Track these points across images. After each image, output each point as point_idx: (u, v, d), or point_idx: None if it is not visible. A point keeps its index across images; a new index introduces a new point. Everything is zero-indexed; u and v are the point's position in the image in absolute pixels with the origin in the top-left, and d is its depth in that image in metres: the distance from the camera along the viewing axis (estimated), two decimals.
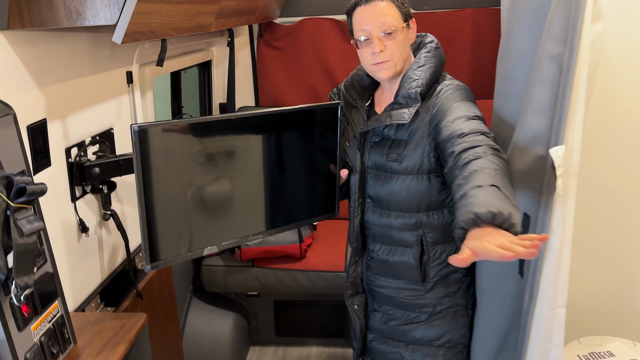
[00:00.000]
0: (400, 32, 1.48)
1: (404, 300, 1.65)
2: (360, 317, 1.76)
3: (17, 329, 1.16)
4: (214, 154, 1.46)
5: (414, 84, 1.46)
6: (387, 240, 1.62)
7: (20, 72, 1.32)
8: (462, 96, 1.45)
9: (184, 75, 2.76)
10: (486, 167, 1.19)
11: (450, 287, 1.62)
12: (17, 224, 1.09)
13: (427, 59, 1.50)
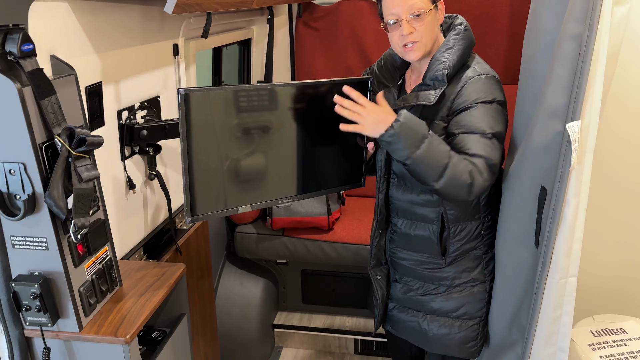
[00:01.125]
0: (428, 14, 1.53)
1: (424, 273, 1.73)
2: (382, 287, 1.85)
3: (73, 264, 1.31)
4: (252, 122, 1.58)
5: (442, 67, 1.52)
6: (409, 215, 1.70)
7: (80, 38, 1.47)
8: (487, 93, 1.50)
9: (225, 52, 2.89)
10: (452, 157, 1.45)
11: (469, 263, 1.69)
12: (77, 170, 1.24)
13: (455, 41, 1.56)
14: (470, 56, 1.63)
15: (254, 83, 3.09)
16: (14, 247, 1.27)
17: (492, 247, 1.70)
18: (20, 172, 1.20)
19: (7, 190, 1.21)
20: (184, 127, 1.42)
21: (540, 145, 1.40)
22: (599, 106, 1.30)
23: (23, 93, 1.14)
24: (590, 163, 1.34)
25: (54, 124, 1.22)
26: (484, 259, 1.69)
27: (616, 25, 1.39)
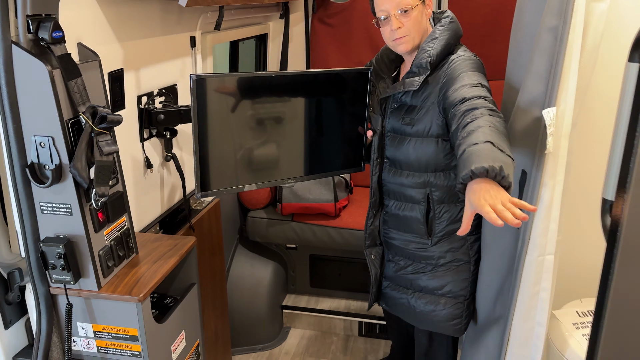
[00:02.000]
0: (415, 9, 1.66)
1: (412, 252, 1.85)
2: (375, 266, 1.98)
3: (93, 229, 1.47)
4: (259, 108, 1.72)
5: (426, 55, 1.65)
6: (399, 197, 1.82)
7: (104, 27, 1.63)
8: (471, 66, 1.62)
9: (242, 46, 3.04)
10: (482, 125, 1.35)
11: (453, 243, 1.79)
12: (98, 144, 1.40)
13: (440, 32, 1.68)
14: (457, 46, 1.74)
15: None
16: (42, 212, 1.43)
17: (477, 229, 1.80)
18: (49, 144, 1.36)
19: (37, 161, 1.38)
20: (195, 110, 1.57)
21: (521, 130, 1.50)
22: (574, 94, 1.40)
23: (53, 75, 1.30)
24: (566, 148, 1.45)
25: (79, 103, 1.37)
26: (468, 241, 1.79)
27: (596, 20, 1.49)
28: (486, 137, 1.30)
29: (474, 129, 1.35)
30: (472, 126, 1.36)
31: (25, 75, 1.29)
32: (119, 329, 1.52)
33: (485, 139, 1.29)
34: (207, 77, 1.58)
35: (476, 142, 1.29)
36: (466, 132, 1.36)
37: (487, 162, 1.19)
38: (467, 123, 1.39)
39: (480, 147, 1.26)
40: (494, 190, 1.18)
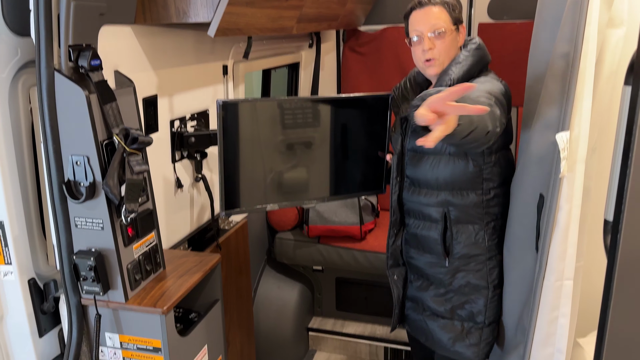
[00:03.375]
0: (449, 34, 1.71)
1: (431, 274, 1.86)
2: (398, 287, 1.99)
3: (123, 244, 1.56)
4: (280, 131, 1.80)
5: (447, 78, 1.68)
6: (418, 216, 1.85)
7: (140, 56, 1.75)
8: (491, 85, 1.62)
9: (274, 74, 3.16)
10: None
11: (472, 268, 1.79)
12: (129, 164, 1.50)
13: (464, 57, 1.72)
14: (483, 72, 1.76)
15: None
16: (76, 226, 1.54)
17: (497, 254, 1.80)
18: (84, 163, 1.46)
19: (73, 178, 1.48)
20: (221, 133, 1.66)
21: (538, 155, 1.52)
22: (589, 119, 1.41)
23: (90, 99, 1.42)
24: (582, 172, 1.45)
25: (113, 125, 1.48)
26: (488, 266, 1.78)
27: (613, 46, 1.51)
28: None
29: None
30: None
31: (65, 99, 1.41)
32: (143, 340, 1.59)
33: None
34: (232, 102, 1.67)
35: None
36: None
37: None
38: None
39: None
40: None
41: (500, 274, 1.81)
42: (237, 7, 1.61)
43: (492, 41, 3.24)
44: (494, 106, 1.47)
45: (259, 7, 1.77)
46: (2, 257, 1.57)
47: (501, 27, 3.23)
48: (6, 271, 1.59)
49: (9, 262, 1.58)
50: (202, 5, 1.55)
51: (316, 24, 2.46)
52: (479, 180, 1.74)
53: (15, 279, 1.59)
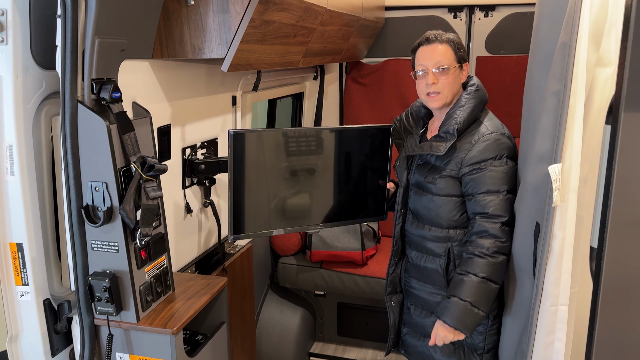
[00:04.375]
0: (453, 72, 1.80)
1: (432, 302, 1.91)
2: (395, 313, 2.06)
3: (136, 266, 1.63)
4: (287, 160, 1.89)
5: (453, 122, 1.76)
6: (421, 248, 1.91)
7: (156, 89, 1.85)
8: (496, 150, 1.72)
9: (279, 103, 3.27)
10: (477, 273, 1.68)
11: None
12: (145, 190, 1.58)
13: (466, 100, 1.80)
14: (483, 112, 1.85)
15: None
16: (92, 249, 1.61)
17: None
18: (103, 189, 1.55)
19: (92, 203, 1.56)
20: (231, 161, 1.75)
21: (533, 185, 1.60)
22: (579, 152, 1.50)
23: (110, 129, 1.51)
24: (575, 201, 1.53)
25: (131, 153, 1.57)
26: None
27: (601, 84, 1.61)
28: (472, 291, 1.68)
29: (470, 270, 1.70)
30: (472, 265, 1.70)
31: (87, 129, 1.50)
32: None
33: (470, 292, 1.69)
34: (242, 132, 1.77)
35: (462, 298, 1.69)
36: (467, 265, 1.71)
37: (454, 322, 1.69)
38: (472, 255, 1.71)
39: (460, 299, 1.69)
40: (450, 336, 1.72)
41: (499, 304, 1.86)
42: (249, 44, 1.72)
43: (490, 74, 3.38)
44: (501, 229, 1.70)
45: (269, 44, 1.88)
46: (20, 278, 1.64)
47: (498, 61, 3.36)
48: (23, 292, 1.65)
49: (26, 282, 1.65)
50: (217, 42, 1.66)
51: (321, 57, 2.57)
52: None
53: (31, 299, 1.65)
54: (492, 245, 1.69)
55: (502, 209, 1.71)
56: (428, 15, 3.38)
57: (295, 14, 1.92)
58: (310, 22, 2.10)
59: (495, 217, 1.71)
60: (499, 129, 1.78)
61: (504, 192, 1.72)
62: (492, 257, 1.69)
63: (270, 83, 2.73)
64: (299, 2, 1.88)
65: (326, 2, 2.16)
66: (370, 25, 3.02)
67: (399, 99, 3.47)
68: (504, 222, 1.71)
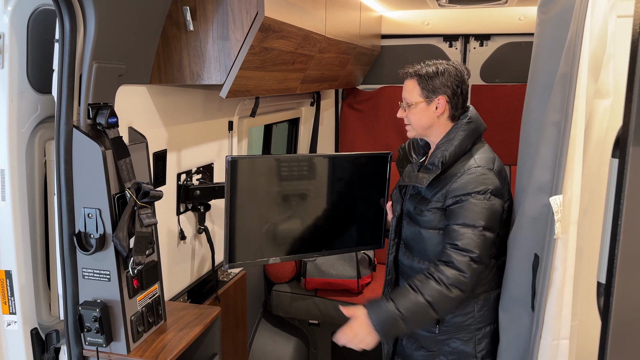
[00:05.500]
0: (417, 106, 1.78)
1: (421, 336, 1.88)
2: (389, 344, 2.02)
3: (128, 295, 1.59)
4: (285, 187, 1.87)
5: (439, 154, 1.74)
6: (410, 279, 1.88)
7: (153, 114, 1.83)
8: (480, 184, 1.67)
9: (275, 128, 3.27)
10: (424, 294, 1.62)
11: (461, 336, 1.81)
12: (139, 217, 1.55)
13: (455, 132, 1.77)
14: (478, 144, 1.81)
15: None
16: (83, 277, 1.56)
17: (487, 325, 1.82)
18: (96, 216, 1.51)
19: (84, 230, 1.53)
20: (228, 187, 1.73)
21: (532, 216, 1.58)
22: (579, 183, 1.49)
23: (105, 155, 1.48)
24: (575, 233, 1.51)
25: (126, 179, 1.54)
26: (477, 336, 1.81)
27: (600, 115, 1.61)
28: (410, 307, 1.63)
29: (420, 289, 1.65)
30: (425, 284, 1.65)
31: (81, 154, 1.47)
32: None
33: (408, 307, 1.63)
34: (240, 158, 1.75)
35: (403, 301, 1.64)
36: (424, 277, 1.66)
37: (377, 322, 1.64)
38: (431, 275, 1.66)
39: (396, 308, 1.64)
40: (363, 333, 1.67)
41: (489, 344, 1.83)
42: (248, 71, 1.71)
43: (485, 102, 3.40)
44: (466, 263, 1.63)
45: (268, 71, 1.87)
46: (7, 306, 1.59)
47: (493, 89, 3.39)
48: (10, 321, 1.60)
49: (14, 311, 1.59)
50: (216, 69, 1.65)
51: (318, 84, 2.58)
52: None
53: (18, 328, 1.60)
54: (453, 277, 1.63)
55: (474, 244, 1.64)
56: (423, 44, 3.41)
57: (294, 42, 1.92)
58: (309, 49, 2.11)
59: (465, 251, 1.64)
60: (487, 164, 1.74)
61: (480, 228, 1.65)
62: (447, 288, 1.62)
63: (267, 108, 2.72)
64: (298, 30, 1.89)
65: (324, 30, 2.17)
66: (366, 52, 3.05)
67: (394, 125, 3.48)
68: (473, 258, 1.64)
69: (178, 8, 1.64)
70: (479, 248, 1.65)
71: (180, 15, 1.65)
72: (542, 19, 1.59)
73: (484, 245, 1.66)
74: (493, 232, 1.69)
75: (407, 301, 1.63)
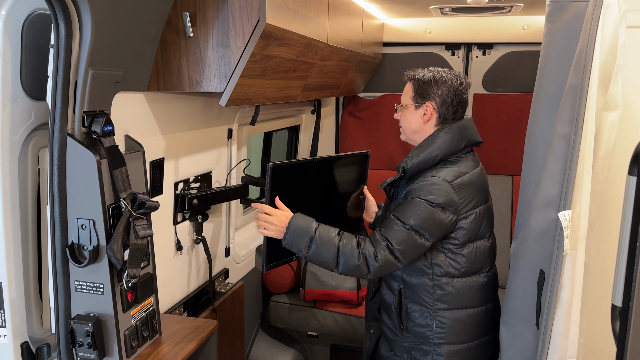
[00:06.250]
0: (407, 109, 1.84)
1: (390, 337, 1.91)
2: (371, 341, 2.05)
3: (122, 309, 1.54)
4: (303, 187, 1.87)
5: (405, 159, 1.77)
6: (385, 280, 1.91)
7: (150, 122, 1.79)
8: (429, 192, 1.67)
9: (275, 136, 3.22)
10: (339, 242, 1.68)
11: (422, 345, 1.81)
12: (135, 228, 1.50)
13: (426, 142, 1.77)
14: (458, 156, 1.77)
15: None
16: (76, 290, 1.51)
17: (447, 343, 1.79)
18: (90, 227, 1.46)
19: (77, 242, 1.48)
20: (269, 193, 1.72)
21: (538, 230, 1.54)
22: (589, 197, 1.45)
23: (100, 164, 1.43)
24: (583, 249, 1.47)
25: (121, 190, 1.49)
26: (435, 351, 1.79)
27: (608, 128, 1.58)
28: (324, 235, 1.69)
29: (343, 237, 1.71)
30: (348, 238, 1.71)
31: (75, 163, 1.43)
32: None
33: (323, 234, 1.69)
34: (281, 164, 1.75)
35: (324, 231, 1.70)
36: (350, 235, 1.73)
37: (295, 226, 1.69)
38: (358, 237, 1.72)
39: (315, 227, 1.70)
40: (277, 224, 1.70)
41: (493, 354, 1.82)
42: (249, 79, 1.67)
43: (487, 111, 3.36)
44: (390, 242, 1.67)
45: (269, 79, 1.83)
46: None
47: (495, 98, 3.36)
48: None
49: (3, 325, 1.54)
50: (216, 76, 1.61)
51: (319, 92, 2.54)
52: (427, 264, 1.76)
53: (8, 342, 1.54)
54: (368, 252, 1.67)
55: (396, 237, 1.66)
56: (425, 52, 3.38)
57: (296, 49, 1.88)
58: (311, 57, 2.07)
59: (384, 238, 1.68)
60: (445, 175, 1.71)
61: (408, 226, 1.66)
62: (359, 255, 1.66)
63: (267, 116, 2.68)
64: (300, 38, 1.85)
65: (327, 37, 2.13)
66: (368, 60, 3.01)
67: (395, 133, 3.40)
68: (390, 249, 1.66)
69: (178, 14, 1.60)
70: (402, 243, 1.66)
71: (180, 22, 1.60)
72: (550, 29, 1.55)
73: (409, 242, 1.66)
74: (423, 237, 1.68)
75: (326, 233, 1.69)
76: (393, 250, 1.66)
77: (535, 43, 3.13)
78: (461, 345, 1.79)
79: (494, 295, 1.89)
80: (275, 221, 1.71)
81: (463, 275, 1.76)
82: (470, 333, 1.79)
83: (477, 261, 1.77)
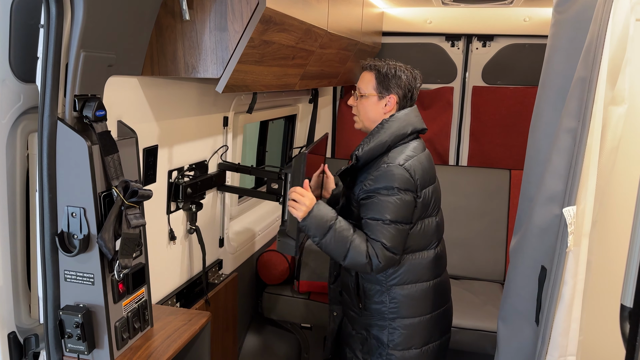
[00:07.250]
0: (367, 98, 1.86)
1: (351, 315, 1.99)
2: (334, 322, 2.12)
3: (112, 300, 1.49)
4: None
5: (357, 147, 1.83)
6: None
7: (144, 107, 1.74)
8: (388, 181, 1.75)
9: (272, 125, 3.17)
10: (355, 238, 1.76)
11: (379, 321, 1.90)
12: (127, 217, 1.45)
13: (376, 131, 1.84)
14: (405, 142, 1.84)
15: (295, 153, 3.35)
16: (65, 280, 1.47)
17: (400, 317, 1.89)
18: (80, 215, 1.42)
19: (67, 230, 1.43)
20: (303, 175, 1.76)
21: (540, 226, 1.51)
22: (593, 193, 1.41)
23: (92, 150, 1.38)
24: (587, 246, 1.44)
25: (113, 177, 1.45)
26: (390, 326, 1.89)
27: (614, 123, 1.54)
28: (343, 226, 1.77)
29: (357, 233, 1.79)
30: (360, 236, 1.79)
31: (66, 149, 1.37)
32: None
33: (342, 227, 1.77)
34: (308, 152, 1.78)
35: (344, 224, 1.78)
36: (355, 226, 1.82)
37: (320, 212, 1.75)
38: (354, 228, 1.80)
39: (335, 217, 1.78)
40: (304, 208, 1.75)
41: (400, 337, 1.89)
42: (246, 65, 1.62)
43: (486, 104, 3.33)
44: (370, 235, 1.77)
45: (267, 65, 1.78)
46: None
47: (494, 91, 3.32)
48: None
49: None
50: (212, 62, 1.55)
51: (318, 80, 2.49)
52: None
53: None
54: (374, 253, 1.74)
55: (384, 235, 1.75)
56: (425, 43, 3.33)
57: (296, 36, 1.83)
58: (310, 44, 2.02)
59: (376, 241, 1.76)
60: (397, 160, 1.79)
61: (387, 221, 1.75)
62: (366, 254, 1.74)
63: (263, 104, 2.63)
64: (300, 24, 1.80)
65: (327, 24, 2.08)
66: (367, 50, 2.96)
67: None
68: (385, 246, 1.75)
69: None
70: (390, 239, 1.75)
71: (176, 4, 1.55)
72: (558, 20, 1.51)
73: (396, 236, 1.76)
74: (402, 223, 1.78)
75: (343, 227, 1.76)
76: (389, 248, 1.76)
77: (537, 36, 3.09)
78: (413, 320, 1.89)
79: (443, 269, 2.01)
80: (307, 202, 1.76)
81: (412, 252, 1.87)
82: (422, 307, 1.90)
83: (425, 237, 1.88)
